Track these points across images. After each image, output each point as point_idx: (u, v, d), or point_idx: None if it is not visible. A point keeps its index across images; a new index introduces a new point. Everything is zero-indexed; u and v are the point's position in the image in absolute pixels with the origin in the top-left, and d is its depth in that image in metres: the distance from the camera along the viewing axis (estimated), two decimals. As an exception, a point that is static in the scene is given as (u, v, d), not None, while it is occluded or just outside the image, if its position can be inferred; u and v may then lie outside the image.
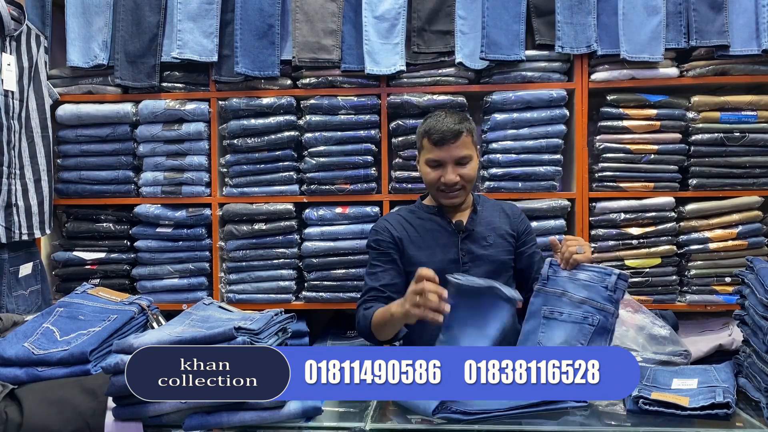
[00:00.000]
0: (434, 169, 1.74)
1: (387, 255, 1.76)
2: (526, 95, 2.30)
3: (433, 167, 1.74)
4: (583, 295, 1.51)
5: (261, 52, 2.35)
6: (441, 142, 1.71)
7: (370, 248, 1.81)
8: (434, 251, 1.75)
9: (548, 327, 1.53)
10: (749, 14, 2.24)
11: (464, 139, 1.73)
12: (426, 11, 2.36)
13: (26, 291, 2.20)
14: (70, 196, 2.45)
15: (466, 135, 1.73)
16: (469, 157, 1.74)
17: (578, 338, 1.48)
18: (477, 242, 1.76)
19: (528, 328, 1.56)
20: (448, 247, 1.75)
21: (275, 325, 1.41)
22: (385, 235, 1.78)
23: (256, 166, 2.39)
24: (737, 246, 2.27)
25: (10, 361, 1.36)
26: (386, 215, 1.92)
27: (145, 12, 2.39)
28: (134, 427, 1.23)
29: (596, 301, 1.49)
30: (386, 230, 1.79)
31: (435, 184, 1.75)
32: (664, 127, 2.30)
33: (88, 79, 2.44)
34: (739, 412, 1.33)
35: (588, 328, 1.48)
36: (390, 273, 1.74)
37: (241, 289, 2.39)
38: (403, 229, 1.79)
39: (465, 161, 1.73)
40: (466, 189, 1.76)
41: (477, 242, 1.76)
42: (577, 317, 1.50)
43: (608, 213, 2.30)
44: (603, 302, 1.49)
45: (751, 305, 1.43)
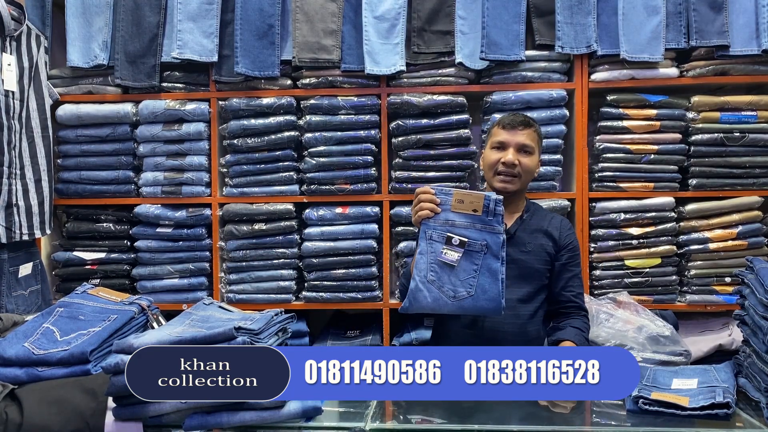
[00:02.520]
0: (497, 150, 1.79)
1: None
2: (526, 95, 2.30)
3: (496, 149, 1.80)
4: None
5: (261, 52, 2.35)
6: (510, 126, 1.79)
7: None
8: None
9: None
10: (749, 14, 2.24)
11: (531, 132, 1.80)
12: (426, 11, 2.36)
13: (26, 291, 2.20)
14: (70, 196, 2.45)
15: (534, 131, 1.82)
16: (532, 149, 1.80)
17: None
18: (516, 246, 1.79)
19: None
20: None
21: (275, 325, 1.41)
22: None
23: (256, 166, 2.39)
24: (737, 246, 2.27)
25: (10, 361, 1.36)
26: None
27: (145, 12, 2.39)
28: (134, 427, 1.23)
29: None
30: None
31: (494, 165, 1.79)
32: (664, 127, 2.30)
33: (88, 79, 2.44)
34: (739, 412, 1.33)
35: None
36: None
37: (241, 289, 2.39)
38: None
39: (527, 150, 1.79)
40: (521, 179, 1.79)
41: (516, 246, 1.79)
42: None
43: (608, 213, 2.30)
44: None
45: (751, 305, 1.43)
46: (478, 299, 1.58)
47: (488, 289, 1.59)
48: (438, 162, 2.34)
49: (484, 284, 1.59)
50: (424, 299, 1.60)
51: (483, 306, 1.59)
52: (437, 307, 1.61)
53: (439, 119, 2.32)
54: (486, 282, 1.59)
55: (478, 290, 1.58)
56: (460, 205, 1.62)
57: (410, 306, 1.62)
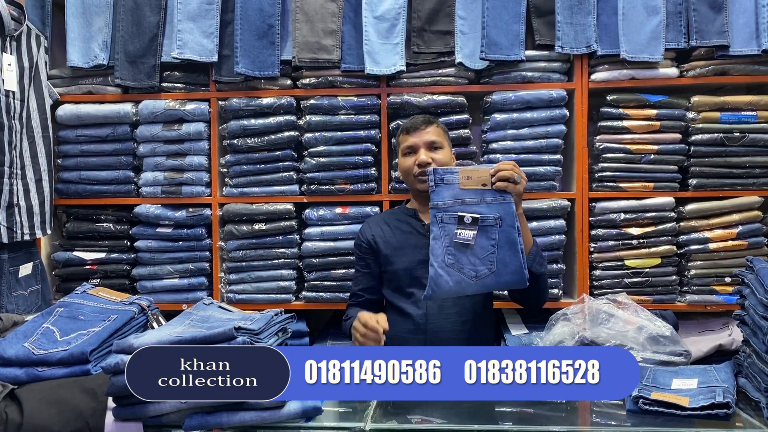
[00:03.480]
0: (409, 156, 1.85)
1: (363, 260, 1.92)
2: (526, 95, 2.30)
3: (407, 154, 1.86)
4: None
5: (261, 52, 2.35)
6: (413, 129, 1.85)
7: (354, 251, 1.98)
8: (405, 252, 1.84)
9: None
10: (749, 14, 2.24)
11: (435, 128, 1.86)
12: (426, 11, 2.36)
13: (26, 291, 2.21)
14: (70, 196, 2.45)
15: (437, 126, 1.88)
16: (441, 144, 1.85)
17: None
18: None
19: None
20: (417, 248, 1.82)
21: (275, 325, 1.41)
22: (362, 240, 1.92)
23: (256, 166, 2.39)
24: (737, 246, 2.27)
25: (10, 361, 1.36)
26: (371, 218, 2.05)
27: (145, 12, 2.39)
28: (134, 427, 1.23)
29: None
30: (363, 235, 1.93)
31: (410, 170, 1.84)
32: (664, 127, 2.30)
33: (88, 79, 2.44)
34: (739, 412, 1.33)
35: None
36: (366, 277, 1.91)
37: (241, 289, 2.39)
38: (381, 230, 1.91)
39: (436, 145, 1.84)
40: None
41: None
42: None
43: (608, 213, 2.30)
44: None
45: (751, 305, 1.43)
46: (500, 274, 1.59)
47: (509, 262, 1.59)
48: (438, 162, 2.34)
49: (504, 258, 1.60)
50: (446, 284, 1.61)
51: (507, 280, 1.61)
52: (460, 290, 1.61)
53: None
54: (506, 255, 1.60)
55: (499, 265, 1.59)
56: (468, 181, 1.63)
57: (433, 293, 1.62)
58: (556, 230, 2.31)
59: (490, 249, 1.60)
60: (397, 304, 1.84)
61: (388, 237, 1.88)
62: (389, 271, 1.86)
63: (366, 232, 1.92)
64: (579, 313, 1.79)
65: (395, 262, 1.83)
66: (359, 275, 1.93)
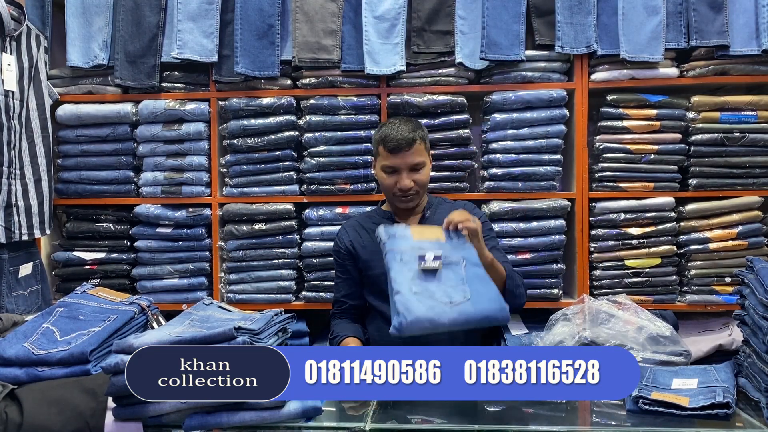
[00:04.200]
0: (390, 175, 1.83)
1: (342, 266, 1.92)
2: (526, 95, 2.29)
3: (388, 173, 1.83)
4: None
5: (261, 52, 2.35)
6: (396, 150, 1.79)
7: (333, 256, 1.97)
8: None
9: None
10: (749, 14, 2.23)
11: (417, 147, 1.81)
12: (426, 11, 2.36)
13: (26, 291, 2.21)
14: (70, 196, 2.45)
15: (420, 142, 1.82)
16: (423, 164, 1.83)
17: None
18: None
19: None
20: None
21: (275, 325, 1.41)
22: (340, 246, 1.92)
23: (256, 166, 2.39)
24: (737, 246, 2.27)
25: (10, 361, 1.36)
26: (347, 221, 2.03)
27: (145, 12, 2.39)
28: (134, 427, 1.23)
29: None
30: (341, 240, 1.92)
31: (391, 189, 1.84)
32: (664, 127, 2.29)
33: (88, 79, 2.43)
34: (739, 412, 1.34)
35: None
36: (347, 283, 1.92)
37: (241, 289, 2.39)
38: (357, 234, 1.91)
39: (419, 167, 1.82)
40: (419, 194, 1.85)
41: None
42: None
43: (608, 213, 2.30)
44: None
45: (751, 305, 1.43)
46: (478, 302, 1.42)
47: (484, 292, 1.46)
48: (438, 162, 2.34)
49: (477, 287, 1.47)
50: (418, 309, 1.38)
51: (486, 309, 1.43)
52: (435, 316, 1.37)
53: (439, 119, 2.32)
54: (479, 285, 1.48)
55: (474, 294, 1.44)
56: (421, 235, 1.59)
57: (404, 321, 1.36)
58: (556, 230, 2.30)
59: (459, 281, 1.47)
60: (380, 308, 1.83)
61: (366, 242, 1.87)
62: (370, 276, 1.86)
63: (343, 238, 1.91)
64: (579, 313, 1.80)
65: (375, 267, 1.81)
66: (340, 281, 1.93)
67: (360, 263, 1.88)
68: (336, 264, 1.95)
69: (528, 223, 2.29)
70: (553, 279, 2.31)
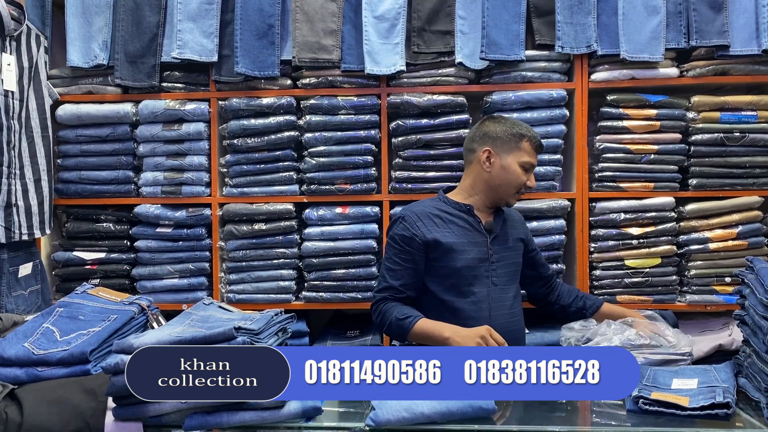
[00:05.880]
0: (525, 171, 1.82)
1: (410, 254, 1.76)
2: (526, 95, 2.29)
3: (525, 170, 1.82)
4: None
5: (261, 52, 2.35)
6: (539, 149, 1.85)
7: (394, 241, 1.79)
8: (467, 248, 1.78)
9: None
10: (749, 14, 2.24)
11: None
12: (426, 11, 2.36)
13: (26, 291, 2.20)
14: (70, 196, 2.45)
15: None
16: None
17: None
18: (502, 244, 1.84)
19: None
20: (479, 246, 1.79)
21: (275, 325, 1.41)
22: (414, 233, 1.76)
23: (256, 166, 2.39)
24: (737, 246, 2.27)
25: (10, 361, 1.36)
26: (411, 207, 1.85)
27: (145, 12, 2.39)
28: (134, 427, 1.23)
29: None
30: (415, 228, 1.76)
31: (521, 185, 1.82)
32: (664, 127, 2.29)
33: (88, 79, 2.44)
34: (739, 412, 1.33)
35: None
36: (410, 272, 1.76)
37: (241, 289, 2.39)
38: (434, 224, 1.79)
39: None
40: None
41: (502, 244, 1.84)
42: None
43: (608, 213, 2.30)
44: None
45: (751, 305, 1.43)
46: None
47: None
48: (438, 162, 2.34)
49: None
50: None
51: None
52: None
53: (439, 119, 2.32)
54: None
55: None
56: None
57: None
58: (556, 230, 2.30)
59: None
60: (451, 302, 1.76)
61: (446, 232, 1.77)
62: (448, 268, 1.75)
63: (418, 226, 1.76)
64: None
65: (457, 259, 1.74)
66: (402, 269, 1.76)
67: (435, 254, 1.76)
68: (400, 251, 1.76)
69: (528, 223, 2.28)
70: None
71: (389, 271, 1.79)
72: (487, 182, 1.82)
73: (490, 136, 1.83)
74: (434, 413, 1.25)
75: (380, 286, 1.79)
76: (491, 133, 1.83)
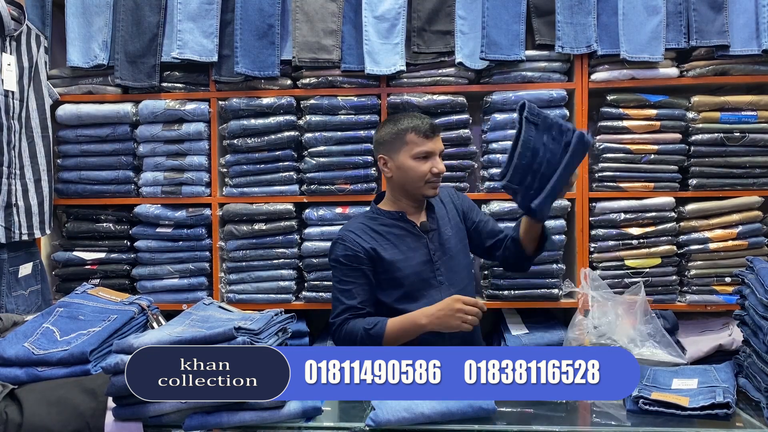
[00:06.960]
0: (423, 161, 1.79)
1: (359, 271, 1.77)
2: (526, 95, 2.29)
3: (422, 159, 1.79)
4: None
5: (261, 52, 2.35)
6: (431, 134, 1.80)
7: (340, 264, 1.79)
8: (408, 255, 1.80)
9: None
10: (749, 14, 2.24)
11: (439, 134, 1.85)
12: (426, 11, 2.36)
13: (26, 291, 2.21)
14: (70, 196, 2.45)
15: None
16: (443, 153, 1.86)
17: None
18: (440, 238, 1.85)
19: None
20: (418, 249, 1.81)
21: (275, 325, 1.41)
22: (357, 250, 1.77)
23: (256, 166, 2.38)
24: (737, 246, 2.27)
25: (10, 361, 1.36)
26: (348, 226, 1.88)
27: (145, 12, 2.39)
28: (134, 427, 1.23)
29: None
30: (357, 245, 1.78)
31: (424, 176, 1.79)
32: (664, 127, 2.29)
33: (88, 79, 2.43)
34: (739, 412, 1.34)
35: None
36: (364, 288, 1.76)
37: (241, 289, 2.39)
38: (372, 238, 1.81)
39: (442, 155, 1.85)
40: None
41: (440, 238, 1.85)
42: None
43: (608, 213, 2.30)
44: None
45: (751, 305, 1.43)
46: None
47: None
48: (438, 162, 2.34)
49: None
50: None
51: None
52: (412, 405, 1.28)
53: (439, 119, 2.32)
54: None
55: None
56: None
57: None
58: (556, 230, 2.30)
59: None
60: (405, 309, 1.73)
61: (385, 244, 1.79)
62: (395, 279, 1.77)
63: (360, 243, 1.78)
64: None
65: (402, 268, 1.76)
66: (355, 287, 1.76)
67: (381, 266, 1.77)
68: (349, 270, 1.77)
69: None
70: (553, 279, 2.31)
71: (343, 293, 1.77)
72: (395, 186, 1.85)
73: (379, 142, 1.87)
74: (434, 413, 1.26)
75: (337, 311, 1.76)
76: (379, 139, 1.87)
